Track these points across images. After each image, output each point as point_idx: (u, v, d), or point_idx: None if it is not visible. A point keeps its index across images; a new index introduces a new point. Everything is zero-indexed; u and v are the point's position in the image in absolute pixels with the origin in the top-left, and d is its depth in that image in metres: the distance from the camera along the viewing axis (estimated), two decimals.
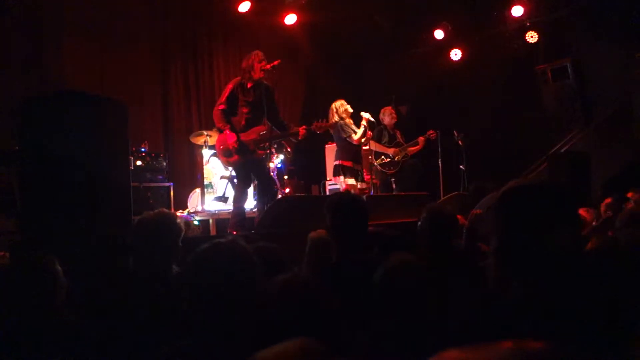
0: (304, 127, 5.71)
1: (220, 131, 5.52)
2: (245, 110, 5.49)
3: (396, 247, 2.64)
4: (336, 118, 6.79)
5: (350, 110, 6.85)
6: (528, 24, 9.17)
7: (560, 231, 1.45)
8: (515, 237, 1.49)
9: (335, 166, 6.92)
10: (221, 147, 5.52)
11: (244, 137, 5.43)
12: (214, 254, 1.70)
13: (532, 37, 9.16)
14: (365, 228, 2.69)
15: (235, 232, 5.18)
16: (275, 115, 5.71)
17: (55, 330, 2.08)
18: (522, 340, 0.70)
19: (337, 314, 1.56)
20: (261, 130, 5.51)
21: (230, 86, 5.54)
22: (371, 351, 1.80)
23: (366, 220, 2.69)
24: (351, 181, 6.77)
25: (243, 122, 5.49)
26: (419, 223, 3.12)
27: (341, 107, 6.83)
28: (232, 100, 5.48)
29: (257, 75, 5.45)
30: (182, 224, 2.55)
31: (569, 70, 8.95)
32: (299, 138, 5.73)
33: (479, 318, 1.56)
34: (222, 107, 5.46)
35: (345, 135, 6.79)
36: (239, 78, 5.57)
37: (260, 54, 5.52)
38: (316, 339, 1.11)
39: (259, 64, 5.44)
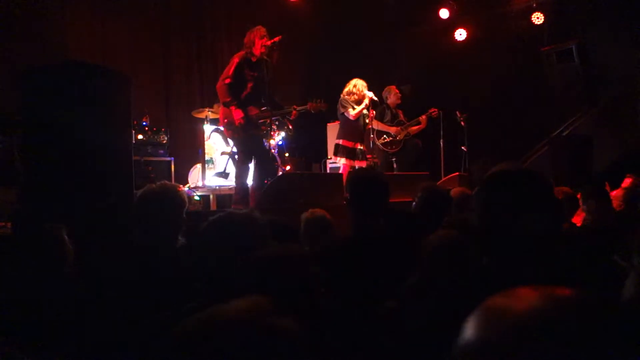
0: (294, 106, 5.67)
1: (226, 106, 5.44)
2: (250, 85, 5.44)
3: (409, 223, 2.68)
4: (345, 90, 6.69)
5: (368, 94, 6.63)
6: (534, 5, 9.06)
7: (537, 214, 1.53)
8: (495, 218, 1.58)
9: (335, 145, 6.87)
10: (225, 120, 5.48)
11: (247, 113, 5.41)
12: (228, 222, 1.73)
13: (538, 18, 9.05)
14: (386, 202, 2.67)
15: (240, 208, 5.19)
16: (271, 93, 5.67)
17: (63, 298, 2.10)
18: (547, 286, 0.70)
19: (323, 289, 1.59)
20: (261, 106, 5.49)
21: (236, 60, 5.44)
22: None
23: (387, 194, 2.65)
24: (346, 161, 6.69)
25: (245, 97, 5.45)
26: (414, 202, 3.19)
27: (354, 87, 6.67)
28: (239, 74, 5.40)
29: (257, 51, 5.41)
30: (185, 196, 2.55)
31: (574, 52, 8.87)
32: (291, 118, 5.72)
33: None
34: (228, 80, 5.37)
35: (342, 110, 6.67)
36: (243, 52, 5.48)
37: (263, 29, 5.45)
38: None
39: (260, 40, 5.38)
